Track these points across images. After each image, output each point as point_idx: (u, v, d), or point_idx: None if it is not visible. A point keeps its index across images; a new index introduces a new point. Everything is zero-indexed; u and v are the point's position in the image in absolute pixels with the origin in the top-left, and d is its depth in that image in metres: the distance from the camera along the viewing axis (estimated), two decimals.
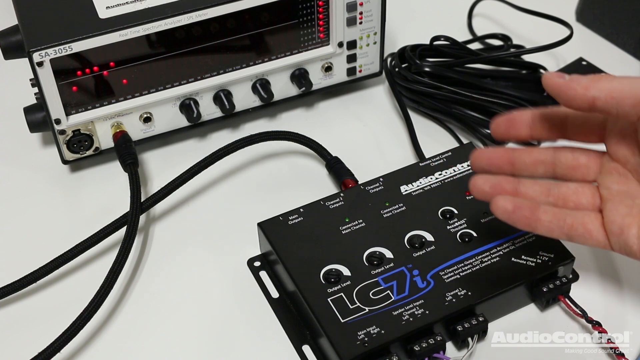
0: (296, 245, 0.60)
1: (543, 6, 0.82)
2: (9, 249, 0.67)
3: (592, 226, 0.53)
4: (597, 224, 0.53)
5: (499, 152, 0.56)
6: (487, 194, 0.54)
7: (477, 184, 0.55)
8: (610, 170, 0.54)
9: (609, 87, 0.50)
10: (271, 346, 0.59)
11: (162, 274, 0.64)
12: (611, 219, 0.52)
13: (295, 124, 0.76)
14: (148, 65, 0.68)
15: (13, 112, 0.74)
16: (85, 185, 0.72)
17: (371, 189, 0.64)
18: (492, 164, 0.56)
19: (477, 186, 0.55)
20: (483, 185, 0.55)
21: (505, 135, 0.56)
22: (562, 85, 0.51)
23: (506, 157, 0.56)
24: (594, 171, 0.55)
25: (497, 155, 0.56)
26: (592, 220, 0.53)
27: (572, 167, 0.55)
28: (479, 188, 0.55)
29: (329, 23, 0.73)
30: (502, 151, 0.56)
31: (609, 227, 0.52)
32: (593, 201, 0.54)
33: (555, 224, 0.53)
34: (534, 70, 0.77)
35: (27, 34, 0.64)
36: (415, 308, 0.56)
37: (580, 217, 0.53)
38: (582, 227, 0.53)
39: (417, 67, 0.74)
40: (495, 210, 0.53)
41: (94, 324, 0.60)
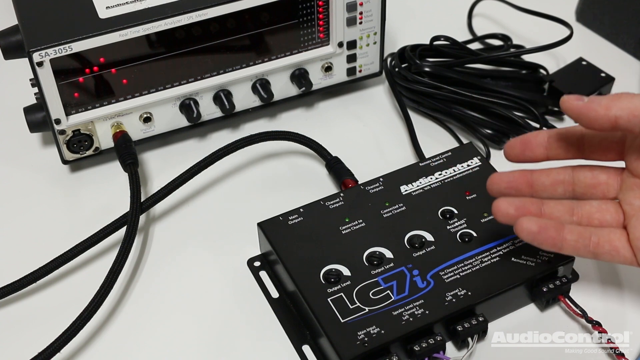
0: (296, 245, 0.60)
1: (543, 6, 0.82)
2: (9, 249, 0.67)
3: (618, 243, 0.53)
4: (624, 240, 0.53)
5: (517, 175, 0.56)
6: (512, 217, 0.54)
7: (502, 207, 0.54)
8: (632, 186, 0.54)
9: (631, 106, 0.49)
10: (271, 346, 0.59)
11: (162, 274, 0.64)
12: (637, 235, 0.52)
13: (295, 124, 0.76)
14: (148, 65, 0.68)
15: (13, 112, 0.74)
16: (85, 185, 0.72)
17: (371, 189, 0.64)
18: (511, 187, 0.55)
19: (502, 210, 0.54)
20: (508, 209, 0.54)
21: (520, 157, 0.56)
22: (582, 107, 0.51)
23: (524, 179, 0.55)
24: (615, 188, 0.55)
25: (515, 178, 0.55)
26: (618, 237, 0.53)
27: (591, 185, 0.55)
28: (503, 211, 0.54)
29: (329, 23, 0.73)
30: (520, 174, 0.56)
31: (635, 244, 0.52)
32: (617, 217, 0.54)
33: (581, 243, 0.53)
34: (534, 70, 0.77)
35: (27, 34, 0.64)
36: (415, 308, 0.56)
37: (606, 234, 0.53)
38: (608, 244, 0.53)
39: (417, 67, 0.74)
40: (520, 232, 0.53)
41: (94, 324, 0.60)
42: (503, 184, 0.55)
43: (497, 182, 0.56)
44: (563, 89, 0.75)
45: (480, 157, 0.67)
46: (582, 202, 0.55)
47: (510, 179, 0.55)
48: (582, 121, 0.51)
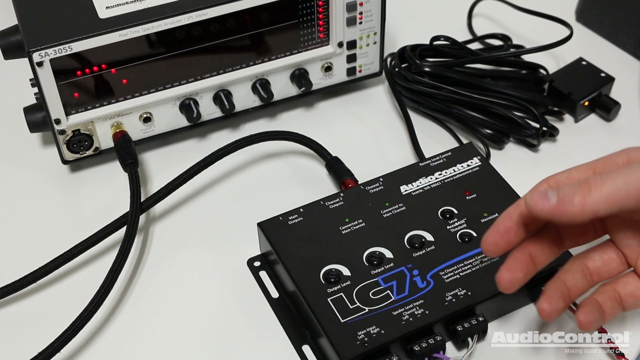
0: (296, 245, 0.60)
1: (543, 6, 0.82)
2: (9, 249, 0.67)
3: (638, 292, 0.53)
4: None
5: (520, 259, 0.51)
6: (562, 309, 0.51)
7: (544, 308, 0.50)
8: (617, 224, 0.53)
9: (605, 196, 0.46)
10: (271, 346, 0.59)
11: (162, 274, 0.64)
12: None
13: (295, 124, 0.76)
14: (148, 65, 0.68)
15: (13, 112, 0.74)
16: (85, 185, 0.72)
17: (371, 189, 0.64)
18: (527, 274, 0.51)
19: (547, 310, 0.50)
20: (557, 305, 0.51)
21: (505, 250, 0.52)
22: (556, 210, 0.47)
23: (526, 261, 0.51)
24: (602, 228, 0.54)
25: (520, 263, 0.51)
26: (635, 286, 0.53)
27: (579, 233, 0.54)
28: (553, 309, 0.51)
29: (329, 23, 0.73)
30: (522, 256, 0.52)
31: None
32: (621, 260, 0.54)
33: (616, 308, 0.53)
34: (534, 70, 0.77)
35: (27, 34, 0.64)
36: (415, 308, 0.56)
37: (622, 288, 0.53)
38: (631, 297, 0.53)
39: (417, 67, 0.74)
40: (585, 329, 0.51)
41: (94, 324, 0.60)
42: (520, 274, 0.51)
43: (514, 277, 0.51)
44: (563, 89, 0.75)
45: (480, 157, 0.67)
46: (584, 260, 0.54)
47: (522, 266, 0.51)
48: (559, 221, 0.48)
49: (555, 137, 0.74)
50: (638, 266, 0.53)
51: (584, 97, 0.75)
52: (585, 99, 0.75)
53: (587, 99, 0.75)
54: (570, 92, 0.75)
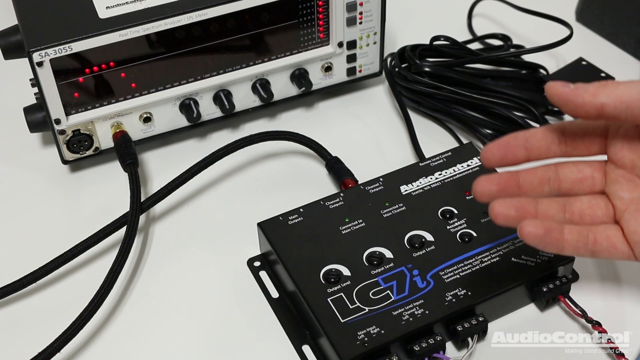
0: (296, 245, 0.60)
1: (543, 6, 0.82)
2: (9, 249, 0.67)
3: (615, 239, 0.52)
4: (620, 236, 0.53)
5: (505, 177, 0.54)
6: (512, 218, 0.52)
7: (501, 210, 0.52)
8: (617, 178, 0.54)
9: (617, 92, 0.50)
10: (271, 346, 0.59)
11: (162, 274, 0.64)
12: (632, 229, 0.52)
13: (295, 124, 0.76)
14: (148, 65, 0.68)
15: (13, 112, 0.74)
16: (85, 185, 0.72)
17: (371, 189, 0.64)
18: (503, 190, 0.53)
19: (502, 212, 0.52)
20: (508, 210, 0.52)
21: (501, 162, 0.54)
22: (569, 93, 0.51)
23: (513, 180, 0.54)
24: (600, 181, 0.55)
25: (504, 180, 0.54)
26: (614, 233, 0.53)
27: (578, 180, 0.55)
28: (504, 214, 0.52)
29: (329, 23, 0.73)
30: (507, 175, 0.54)
31: (631, 238, 0.52)
32: (608, 212, 0.54)
33: (581, 242, 0.52)
34: (534, 70, 0.77)
35: (27, 34, 0.64)
36: (415, 308, 0.56)
37: (602, 231, 0.53)
38: (606, 241, 0.53)
39: (417, 67, 0.74)
40: (525, 236, 0.51)
41: (94, 324, 0.60)
42: (494, 187, 0.53)
43: (487, 186, 0.54)
44: None
45: (480, 157, 0.67)
46: (572, 199, 0.55)
47: (500, 182, 0.54)
48: (567, 108, 0.51)
49: None
50: (624, 218, 0.53)
51: None
52: None
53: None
54: None
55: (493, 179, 0.54)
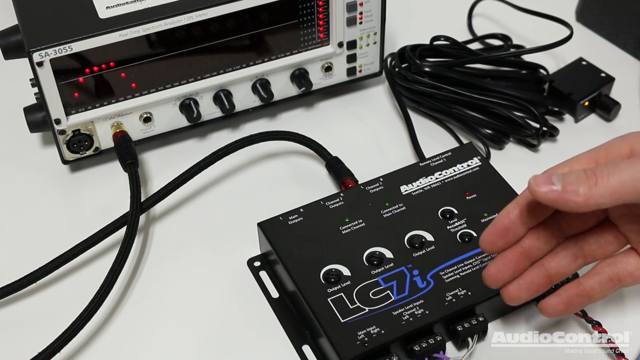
0: (296, 245, 0.60)
1: (543, 6, 0.82)
2: (9, 249, 0.67)
3: (637, 272, 0.52)
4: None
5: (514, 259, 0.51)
6: (526, 299, 0.52)
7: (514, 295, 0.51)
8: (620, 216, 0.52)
9: (612, 190, 0.46)
10: (271, 346, 0.59)
11: (162, 274, 0.64)
12: None
13: (295, 124, 0.76)
14: (148, 65, 0.68)
15: (13, 112, 0.74)
16: (85, 185, 0.72)
17: (371, 189, 0.64)
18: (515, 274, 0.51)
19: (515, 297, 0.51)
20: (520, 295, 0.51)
21: (503, 248, 0.51)
22: (559, 198, 0.46)
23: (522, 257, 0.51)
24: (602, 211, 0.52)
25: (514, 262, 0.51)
26: (635, 266, 0.52)
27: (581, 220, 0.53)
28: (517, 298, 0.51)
29: (329, 23, 0.73)
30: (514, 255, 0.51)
31: None
32: (618, 242, 0.53)
33: (606, 287, 0.52)
34: (534, 70, 0.77)
35: (27, 34, 0.64)
36: (415, 308, 0.56)
37: (622, 269, 0.52)
38: (630, 277, 0.52)
39: (417, 67, 0.74)
40: (550, 316, 0.52)
41: (94, 324, 0.60)
42: (507, 276, 0.51)
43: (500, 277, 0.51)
44: (563, 89, 0.75)
45: (480, 157, 0.67)
46: (578, 243, 0.53)
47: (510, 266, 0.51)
48: (561, 209, 0.47)
49: (556, 137, 0.74)
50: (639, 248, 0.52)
51: (584, 97, 0.75)
52: (586, 99, 0.75)
53: (587, 99, 0.75)
54: (570, 92, 0.75)
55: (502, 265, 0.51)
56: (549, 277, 0.52)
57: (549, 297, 0.52)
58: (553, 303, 0.52)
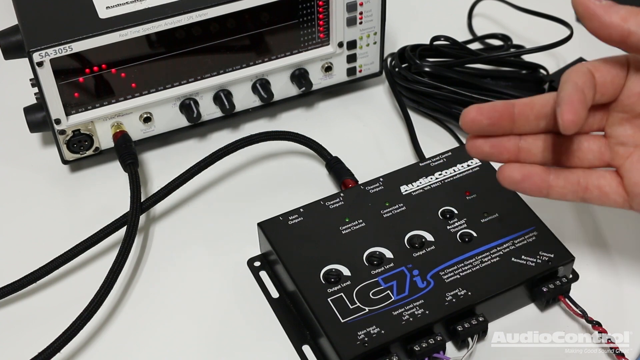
0: (296, 245, 0.60)
1: (543, 6, 0.82)
2: (9, 249, 0.67)
3: (608, 189, 0.50)
4: (614, 184, 0.51)
5: (499, 109, 0.50)
6: (487, 155, 0.51)
7: (477, 144, 0.50)
8: (621, 121, 0.51)
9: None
10: (271, 346, 0.59)
11: (162, 274, 0.64)
12: (633, 181, 0.50)
13: (295, 124, 0.76)
14: (148, 65, 0.68)
15: (13, 112, 0.74)
16: (85, 185, 0.72)
17: (371, 189, 0.64)
18: (494, 123, 0.50)
19: (477, 146, 0.50)
20: (483, 146, 0.50)
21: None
22: (599, 8, 0.48)
23: (507, 113, 0.50)
24: (600, 120, 0.52)
25: (498, 112, 0.50)
26: (608, 182, 0.51)
27: None
28: (478, 148, 0.50)
29: (329, 23, 0.73)
30: (503, 106, 0.50)
31: (630, 189, 0.50)
32: (600, 156, 0.51)
33: (568, 189, 0.50)
34: (534, 70, 0.77)
35: (27, 34, 0.64)
36: (415, 308, 0.56)
37: (595, 179, 0.51)
38: (597, 190, 0.50)
39: (417, 67, 0.74)
40: (502, 180, 0.50)
41: (94, 324, 0.60)
42: (485, 121, 0.50)
43: (477, 118, 0.50)
44: None
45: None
46: (562, 138, 0.51)
47: (492, 114, 0.50)
48: (592, 24, 0.49)
49: None
50: (624, 166, 0.51)
51: None
52: None
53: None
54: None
55: (485, 109, 0.50)
56: (518, 149, 0.51)
57: (512, 163, 0.50)
58: (513, 168, 0.50)
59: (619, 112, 0.52)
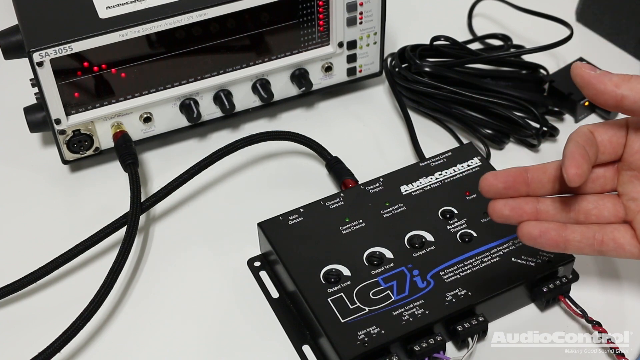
0: (296, 245, 0.60)
1: (543, 6, 0.82)
2: (9, 249, 0.67)
3: (623, 240, 0.53)
4: (628, 236, 0.53)
5: (512, 174, 0.54)
6: (507, 217, 0.53)
7: (497, 208, 0.53)
8: (630, 179, 0.54)
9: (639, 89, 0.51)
10: (271, 346, 0.59)
11: (162, 274, 0.64)
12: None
13: (295, 124, 0.76)
14: (148, 65, 0.68)
15: (13, 112, 0.74)
16: (85, 185, 0.72)
17: (371, 189, 0.64)
18: (509, 187, 0.54)
19: (497, 210, 0.53)
20: (503, 209, 0.53)
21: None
22: (593, 78, 0.52)
23: (521, 178, 0.54)
24: (612, 181, 0.55)
25: (511, 177, 0.54)
26: (622, 234, 0.53)
27: (589, 179, 0.55)
28: (499, 213, 0.53)
29: (329, 23, 0.73)
30: (516, 172, 0.54)
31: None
32: (616, 212, 0.54)
33: (585, 243, 0.53)
34: (534, 70, 0.77)
35: (27, 34, 0.64)
36: (415, 308, 0.56)
37: (610, 232, 0.53)
38: (613, 242, 0.53)
39: (417, 67, 0.74)
40: (522, 237, 0.52)
41: (94, 324, 0.60)
42: (500, 185, 0.54)
43: (493, 183, 0.54)
44: (563, 89, 0.75)
45: (480, 157, 0.67)
46: (577, 198, 0.55)
47: (506, 179, 0.54)
48: (588, 92, 0.53)
49: (556, 137, 0.74)
50: (636, 219, 0.53)
51: (584, 97, 0.74)
52: (586, 99, 0.75)
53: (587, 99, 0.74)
54: (570, 92, 0.75)
55: (500, 175, 0.54)
56: (537, 211, 0.53)
57: (530, 221, 0.53)
58: (531, 226, 0.53)
59: (627, 170, 0.55)
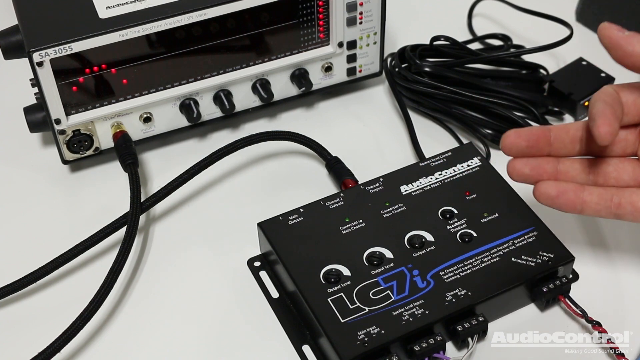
0: (296, 245, 0.60)
1: (543, 6, 0.82)
2: (9, 249, 0.67)
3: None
4: None
5: (536, 132, 0.54)
6: (527, 177, 0.53)
7: (517, 167, 0.53)
8: None
9: None
10: (271, 346, 0.59)
11: (162, 274, 0.64)
12: None
13: (295, 124, 0.76)
14: (148, 65, 0.68)
15: (13, 112, 0.74)
16: (85, 185, 0.72)
17: (371, 189, 0.64)
18: (531, 146, 0.54)
19: (517, 169, 0.53)
20: (523, 168, 0.53)
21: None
22: (621, 39, 0.51)
23: (544, 136, 0.54)
24: (633, 144, 0.55)
25: (535, 135, 0.54)
26: (639, 194, 0.53)
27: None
28: (518, 171, 0.53)
29: (329, 23, 0.73)
30: (539, 131, 0.54)
31: None
32: (635, 176, 0.54)
33: (602, 205, 0.53)
34: (534, 70, 0.77)
35: (27, 34, 0.64)
36: (415, 308, 0.56)
37: (628, 195, 0.53)
38: (630, 205, 0.53)
39: (417, 67, 0.74)
40: (539, 197, 0.52)
41: (94, 324, 0.60)
42: (523, 143, 0.53)
43: (516, 142, 0.53)
44: (563, 89, 0.75)
45: (480, 157, 0.67)
46: (598, 161, 0.54)
47: (530, 137, 0.53)
48: (615, 53, 0.52)
49: None
50: None
51: (584, 97, 0.75)
52: (586, 99, 0.75)
53: (588, 99, 0.75)
54: (570, 92, 0.75)
55: (523, 133, 0.53)
56: (556, 171, 0.53)
57: (548, 181, 0.53)
58: (549, 185, 0.52)
59: None
